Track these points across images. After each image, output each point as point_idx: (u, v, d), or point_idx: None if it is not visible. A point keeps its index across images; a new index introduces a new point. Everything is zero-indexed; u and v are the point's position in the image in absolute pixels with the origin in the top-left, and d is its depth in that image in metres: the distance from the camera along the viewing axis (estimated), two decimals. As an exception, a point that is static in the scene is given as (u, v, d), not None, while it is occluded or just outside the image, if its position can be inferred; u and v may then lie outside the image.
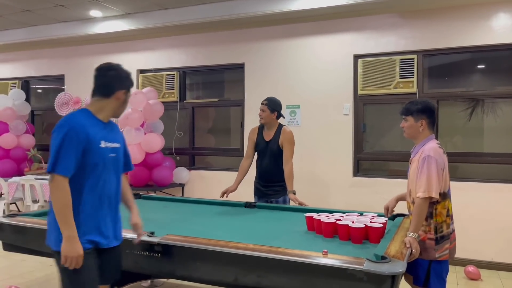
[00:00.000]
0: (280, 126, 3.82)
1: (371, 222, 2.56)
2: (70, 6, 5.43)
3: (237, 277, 2.16)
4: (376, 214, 2.89)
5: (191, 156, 6.08)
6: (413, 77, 4.68)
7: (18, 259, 4.38)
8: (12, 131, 6.49)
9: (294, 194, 3.62)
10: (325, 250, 2.03)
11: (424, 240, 2.45)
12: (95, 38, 6.24)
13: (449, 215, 2.48)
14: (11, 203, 6.38)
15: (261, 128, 3.91)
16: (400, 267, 1.90)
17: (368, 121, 5.03)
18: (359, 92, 4.94)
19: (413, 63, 4.69)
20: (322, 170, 5.07)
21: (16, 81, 7.25)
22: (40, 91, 7.51)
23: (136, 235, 2.30)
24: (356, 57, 4.96)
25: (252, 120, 5.43)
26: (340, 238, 2.52)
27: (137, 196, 4.04)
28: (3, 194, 6.18)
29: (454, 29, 4.56)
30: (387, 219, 2.73)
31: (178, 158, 6.04)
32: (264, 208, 3.58)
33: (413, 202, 2.51)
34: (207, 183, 5.78)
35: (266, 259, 2.06)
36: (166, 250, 2.31)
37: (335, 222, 2.56)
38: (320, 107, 5.10)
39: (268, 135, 3.83)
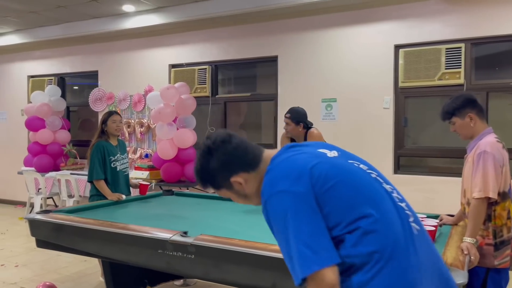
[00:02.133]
0: (308, 129, 3.60)
1: (420, 224, 2.33)
2: (103, 1, 5.42)
3: (276, 282, 2.00)
4: (425, 216, 2.65)
5: (223, 151, 5.96)
6: (460, 68, 4.36)
7: (53, 254, 4.40)
8: (49, 126, 6.59)
9: None
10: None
11: (481, 245, 2.21)
12: (127, 33, 6.23)
13: (510, 218, 2.23)
14: (47, 198, 6.50)
15: None
16: (461, 277, 1.69)
17: (410, 115, 4.75)
18: (400, 85, 4.66)
19: (460, 53, 4.37)
20: (360, 166, 4.82)
21: (52, 78, 7.37)
22: (76, 88, 7.61)
23: None
24: (397, 47, 4.68)
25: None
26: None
27: (169, 193, 3.97)
28: (40, 188, 6.29)
29: (504, 15, 4.21)
30: (438, 221, 2.50)
31: (210, 153, 5.94)
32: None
33: (468, 204, 2.27)
34: (240, 179, 5.65)
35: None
36: (200, 251, 2.18)
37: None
38: (358, 101, 4.86)
39: (299, 142, 3.63)
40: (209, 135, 1.38)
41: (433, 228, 2.26)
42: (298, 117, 3.53)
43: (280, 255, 1.98)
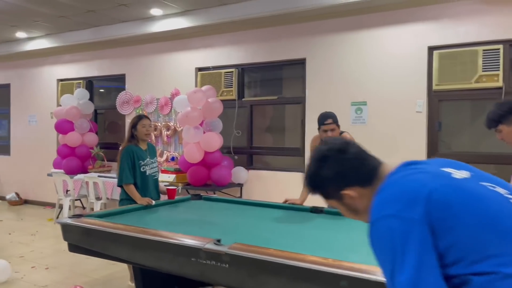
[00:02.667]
0: (340, 134, 3.50)
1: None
2: (132, 5, 5.45)
3: (314, 295, 1.92)
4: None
5: (249, 155, 5.92)
6: (499, 70, 4.19)
7: (82, 257, 4.38)
8: (77, 129, 6.69)
9: None
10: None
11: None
12: (154, 36, 6.26)
13: None
14: (76, 200, 6.59)
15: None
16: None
17: (444, 119, 4.58)
18: (434, 88, 4.50)
19: (499, 54, 4.19)
20: (391, 172, 4.68)
21: (81, 81, 7.49)
22: (102, 90, 7.71)
23: None
24: (431, 48, 4.53)
25: (313, 118, 5.12)
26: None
27: (197, 197, 3.93)
28: (69, 190, 6.38)
29: (548, 15, 4.01)
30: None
31: (236, 157, 5.91)
32: (333, 214, 3.30)
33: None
34: (266, 183, 5.59)
35: (349, 278, 1.81)
36: (235, 260, 2.12)
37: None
38: (389, 104, 4.72)
39: None
40: (327, 140, 1.32)
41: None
42: (337, 120, 3.45)
43: (319, 268, 1.91)
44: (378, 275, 1.77)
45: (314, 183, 1.29)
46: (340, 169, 1.22)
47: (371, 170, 1.23)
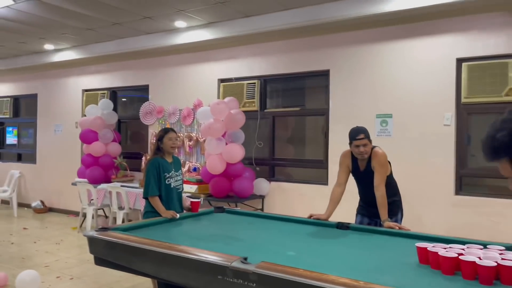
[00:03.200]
0: (372, 149, 3.43)
1: (502, 259, 2.12)
2: (157, 18, 5.53)
3: (345, 319, 1.86)
4: (504, 247, 2.42)
5: (271, 167, 5.89)
6: (531, 83, 4.06)
7: (106, 268, 4.45)
8: (101, 139, 6.79)
9: (389, 221, 3.23)
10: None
11: None
12: (178, 48, 6.33)
13: None
14: (99, 209, 6.66)
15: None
16: None
17: (474, 132, 4.46)
18: (463, 100, 4.39)
19: (531, 67, 4.06)
20: (419, 187, 4.57)
21: (105, 92, 7.62)
22: (125, 99, 7.82)
23: None
24: (460, 60, 4.43)
25: (336, 130, 5.10)
26: (464, 277, 2.11)
27: (220, 210, 3.91)
28: (92, 200, 6.46)
29: None
30: (520, 255, 2.26)
31: (258, 168, 5.88)
32: (359, 230, 3.23)
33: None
34: (288, 195, 5.54)
35: (383, 303, 1.75)
36: (262, 280, 2.08)
37: (457, 257, 2.16)
38: (416, 117, 4.63)
39: (362, 164, 3.47)
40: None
41: (521, 266, 2.04)
42: (369, 135, 3.39)
43: (350, 290, 1.86)
44: (413, 301, 1.70)
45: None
46: None
47: None
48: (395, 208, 3.52)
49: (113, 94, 7.67)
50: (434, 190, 4.51)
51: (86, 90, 7.91)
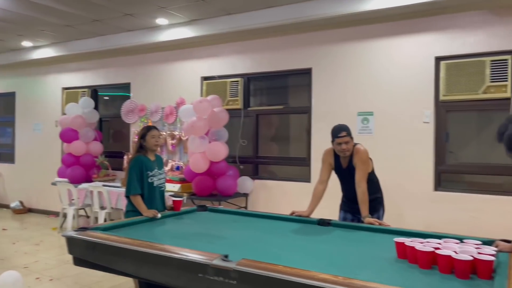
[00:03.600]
0: (353, 146, 3.46)
1: (478, 253, 2.17)
2: (138, 15, 5.47)
3: (325, 314, 1.88)
4: (481, 242, 2.48)
5: (255, 165, 5.89)
6: (507, 81, 4.15)
7: (86, 268, 4.39)
8: (82, 138, 6.69)
9: (370, 217, 3.27)
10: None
11: (549, 278, 2.02)
12: (160, 46, 6.27)
13: None
14: (80, 209, 6.56)
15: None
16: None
17: (452, 129, 4.54)
18: (441, 98, 4.47)
19: (507, 65, 4.16)
20: (398, 183, 4.64)
21: (86, 90, 7.50)
22: (107, 98, 7.72)
23: None
24: (438, 59, 4.51)
25: (319, 127, 5.14)
26: (440, 271, 2.15)
27: (203, 208, 3.90)
28: (73, 199, 6.36)
29: (557, 25, 3.99)
30: (495, 248, 2.32)
31: (241, 167, 5.88)
32: (341, 226, 3.27)
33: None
34: (272, 193, 5.56)
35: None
36: (243, 277, 2.08)
37: (434, 251, 2.21)
38: (396, 114, 4.69)
39: (344, 161, 3.50)
40: None
41: (494, 259, 2.09)
42: (351, 132, 3.42)
43: (329, 285, 1.87)
44: (391, 295, 1.73)
45: None
46: None
47: None
48: (377, 204, 3.56)
49: (94, 92, 7.55)
50: (414, 186, 4.58)
51: (66, 88, 7.77)
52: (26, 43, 7.20)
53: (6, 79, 8.69)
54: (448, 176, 4.61)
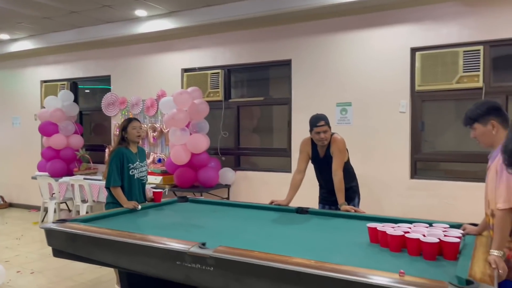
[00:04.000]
0: (331, 135, 3.54)
1: (445, 235, 2.27)
2: (116, 6, 5.42)
3: (298, 296, 1.95)
4: (448, 225, 2.58)
5: (236, 156, 5.94)
6: (479, 71, 4.27)
7: (68, 261, 4.34)
8: (62, 131, 6.63)
9: (346, 205, 3.36)
10: (402, 271, 1.78)
11: (509, 258, 2.14)
12: (140, 38, 6.23)
13: (538, 229, 2.14)
14: (61, 203, 6.52)
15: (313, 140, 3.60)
16: (492, 294, 1.63)
17: (427, 119, 4.66)
18: (417, 88, 4.58)
19: (479, 55, 4.27)
20: (376, 172, 4.75)
21: (65, 83, 7.41)
22: (88, 91, 7.65)
23: None
24: (414, 50, 4.60)
25: (299, 118, 5.20)
26: (409, 253, 2.25)
27: (184, 199, 3.94)
28: (54, 193, 6.32)
29: (526, 16, 4.11)
30: (462, 231, 2.43)
31: (223, 158, 5.92)
32: (318, 214, 3.35)
33: (492, 215, 2.20)
34: (253, 184, 5.62)
35: (330, 279, 1.84)
36: (219, 263, 2.14)
37: (403, 235, 2.30)
38: (374, 105, 4.79)
39: (321, 151, 3.58)
40: None
41: (459, 240, 2.19)
42: (329, 121, 3.49)
43: (302, 269, 1.94)
44: (359, 276, 1.81)
45: None
46: None
47: None
48: (352, 193, 3.65)
49: (74, 85, 7.46)
50: (391, 175, 4.70)
51: (45, 81, 7.66)
52: (3, 36, 7.07)
53: (-17, 72, 8.51)
54: (424, 164, 4.74)
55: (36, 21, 6.15)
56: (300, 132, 5.01)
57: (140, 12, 5.67)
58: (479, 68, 4.27)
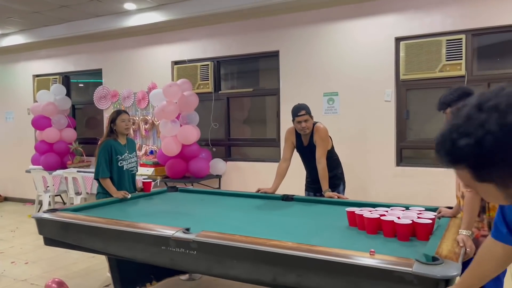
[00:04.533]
0: (314, 125, 3.63)
1: (418, 217, 2.37)
2: (105, 0, 5.46)
3: (276, 276, 2.05)
4: (424, 208, 2.69)
5: (227, 147, 6.03)
6: (461, 59, 4.36)
7: (62, 251, 4.48)
8: (55, 125, 6.68)
9: (329, 191, 3.46)
10: (373, 250, 1.88)
11: (477, 237, 2.25)
12: (129, 31, 6.27)
13: (506, 210, 2.25)
14: (56, 196, 6.60)
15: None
16: (454, 269, 1.73)
17: (412, 107, 4.76)
18: (402, 77, 4.67)
19: (461, 44, 4.36)
20: (363, 160, 4.86)
21: (57, 77, 7.45)
22: (82, 85, 7.69)
23: None
24: (398, 39, 4.68)
25: (287, 109, 5.23)
26: (384, 235, 2.35)
27: (174, 189, 4.03)
28: (48, 186, 6.40)
29: (506, 6, 4.19)
30: (436, 214, 2.53)
31: (214, 149, 6.00)
32: (302, 201, 3.45)
33: (463, 197, 2.30)
34: (244, 174, 5.71)
35: (306, 259, 1.94)
36: (202, 247, 2.24)
37: (379, 217, 2.40)
38: (360, 94, 4.88)
39: (305, 139, 3.67)
40: (498, 89, 0.85)
41: (431, 222, 2.30)
42: (310, 110, 3.57)
43: (279, 251, 2.04)
44: (332, 256, 1.91)
45: (466, 157, 0.85)
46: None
47: None
48: (337, 180, 3.75)
49: (66, 79, 7.50)
50: (377, 162, 4.80)
51: (37, 76, 7.70)
52: (-7, 31, 7.09)
53: (-25, 67, 8.52)
54: (409, 151, 4.85)
55: (26, 15, 6.17)
56: (289, 123, 5.06)
57: (129, 6, 5.71)
58: (461, 57, 4.36)
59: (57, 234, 2.84)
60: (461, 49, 4.36)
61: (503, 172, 0.83)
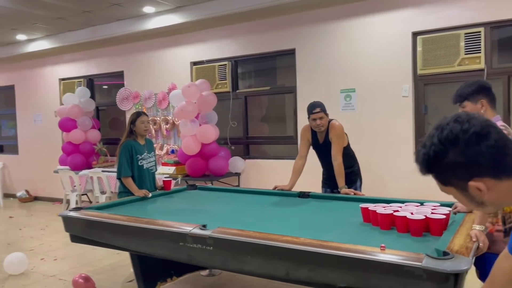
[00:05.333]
0: (329, 122, 3.66)
1: (432, 213, 2.38)
2: (125, 4, 5.61)
3: (289, 271, 2.11)
4: (439, 204, 2.69)
5: (245, 145, 6.10)
6: (480, 52, 4.29)
7: (88, 248, 4.65)
8: (80, 127, 6.91)
9: (346, 188, 3.48)
10: (383, 245, 1.91)
11: (491, 232, 2.24)
12: (149, 33, 6.42)
13: (521, 205, 2.24)
14: (82, 195, 6.84)
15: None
16: (464, 264, 1.74)
17: (430, 102, 4.71)
18: (419, 72, 4.63)
19: (480, 37, 4.29)
20: (381, 156, 4.84)
21: (82, 80, 7.69)
22: (106, 87, 7.91)
23: None
24: (415, 34, 4.64)
25: (304, 106, 5.26)
26: (398, 231, 2.37)
27: (193, 187, 4.13)
28: (75, 186, 6.63)
29: (527, -4, 4.10)
30: (450, 209, 2.53)
31: (233, 147, 6.09)
32: (319, 198, 3.49)
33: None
34: (262, 171, 5.78)
35: (318, 254, 1.99)
36: (218, 243, 2.31)
37: (392, 213, 2.42)
38: (377, 90, 4.86)
39: (321, 137, 3.70)
40: (461, 116, 1.05)
41: (444, 217, 2.30)
42: (324, 107, 3.61)
43: (292, 246, 2.10)
44: (343, 251, 1.95)
45: (432, 167, 1.08)
46: (474, 158, 1.01)
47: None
48: (354, 176, 3.77)
49: (90, 81, 7.74)
50: (395, 158, 4.78)
51: (63, 79, 7.97)
52: (20, 37, 7.37)
53: (5, 72, 8.89)
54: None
55: (50, 21, 6.41)
56: (305, 120, 5.11)
57: (148, 9, 5.85)
58: (480, 50, 4.29)
59: (82, 231, 2.98)
60: (480, 42, 4.28)
61: (453, 175, 1.06)
